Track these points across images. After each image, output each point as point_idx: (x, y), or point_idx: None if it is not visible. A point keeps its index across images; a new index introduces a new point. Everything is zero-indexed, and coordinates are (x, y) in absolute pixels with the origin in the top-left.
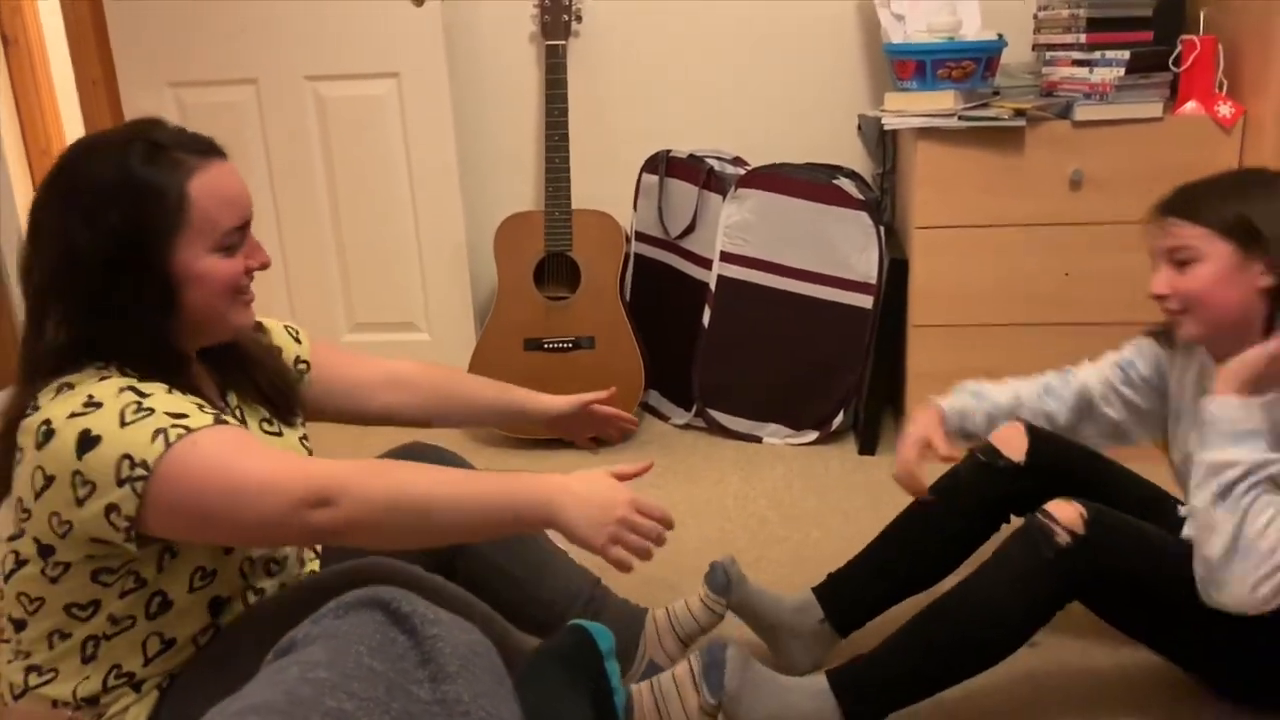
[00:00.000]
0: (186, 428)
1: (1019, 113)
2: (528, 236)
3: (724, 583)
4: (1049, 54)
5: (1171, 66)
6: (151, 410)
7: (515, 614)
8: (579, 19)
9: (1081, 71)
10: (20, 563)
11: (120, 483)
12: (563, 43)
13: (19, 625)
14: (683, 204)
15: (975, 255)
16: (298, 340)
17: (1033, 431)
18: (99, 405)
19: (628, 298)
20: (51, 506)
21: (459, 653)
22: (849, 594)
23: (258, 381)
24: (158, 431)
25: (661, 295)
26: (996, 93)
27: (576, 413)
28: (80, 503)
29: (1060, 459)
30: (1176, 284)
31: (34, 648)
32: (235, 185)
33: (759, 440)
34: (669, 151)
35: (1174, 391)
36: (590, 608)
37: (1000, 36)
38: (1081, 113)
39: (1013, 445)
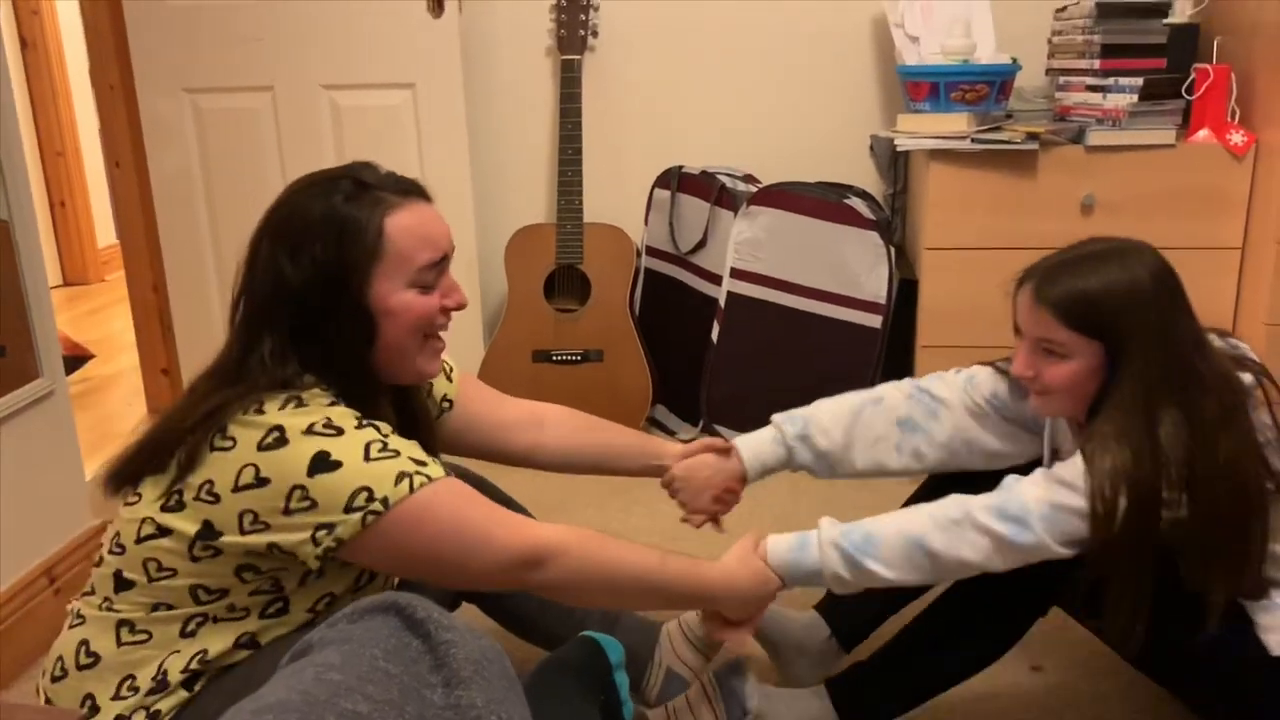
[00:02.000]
0: (429, 476)
1: (1032, 136)
2: (539, 249)
3: None
4: (1063, 79)
5: (1184, 94)
6: (397, 452)
7: (533, 622)
8: (595, 34)
9: (1095, 97)
10: (163, 532)
11: (350, 510)
12: (578, 57)
13: (125, 585)
14: (694, 220)
15: (985, 277)
16: (449, 378)
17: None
18: (339, 431)
19: (637, 312)
20: (251, 504)
21: (472, 658)
22: (852, 608)
23: (418, 435)
24: (403, 474)
25: (671, 310)
26: (1009, 116)
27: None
28: (289, 513)
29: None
30: (1044, 373)
31: (130, 609)
32: (433, 224)
33: None
34: (681, 167)
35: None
36: (608, 618)
37: (1014, 60)
38: (1094, 138)
39: None
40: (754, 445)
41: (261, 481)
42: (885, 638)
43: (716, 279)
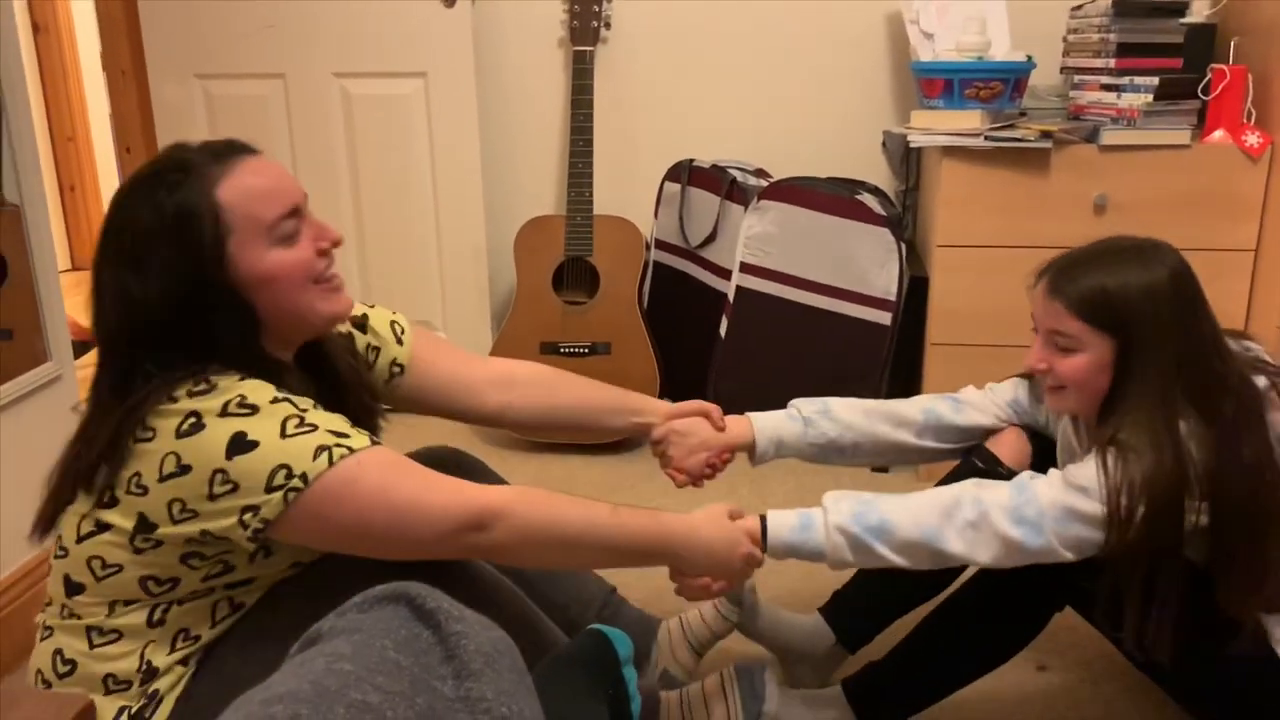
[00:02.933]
0: (349, 448)
1: (1045, 135)
2: (548, 240)
3: (738, 591)
4: (1077, 77)
5: (1200, 94)
6: (315, 426)
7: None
8: (608, 25)
9: (1110, 96)
10: (102, 527)
11: (270, 489)
12: (591, 49)
13: (75, 589)
14: (704, 213)
15: (996, 275)
16: (399, 340)
17: (1033, 436)
18: (254, 409)
19: (645, 305)
20: (177, 493)
21: (483, 650)
22: (857, 614)
23: (345, 400)
24: (321, 448)
25: (679, 304)
26: (1023, 114)
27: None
28: (213, 498)
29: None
30: (1056, 365)
31: (89, 612)
32: (268, 177)
33: None
34: (692, 161)
35: (1056, 427)
36: (604, 614)
37: (1029, 58)
38: (1108, 137)
39: (1012, 450)
40: (767, 418)
41: (183, 469)
42: (889, 636)
43: (726, 273)
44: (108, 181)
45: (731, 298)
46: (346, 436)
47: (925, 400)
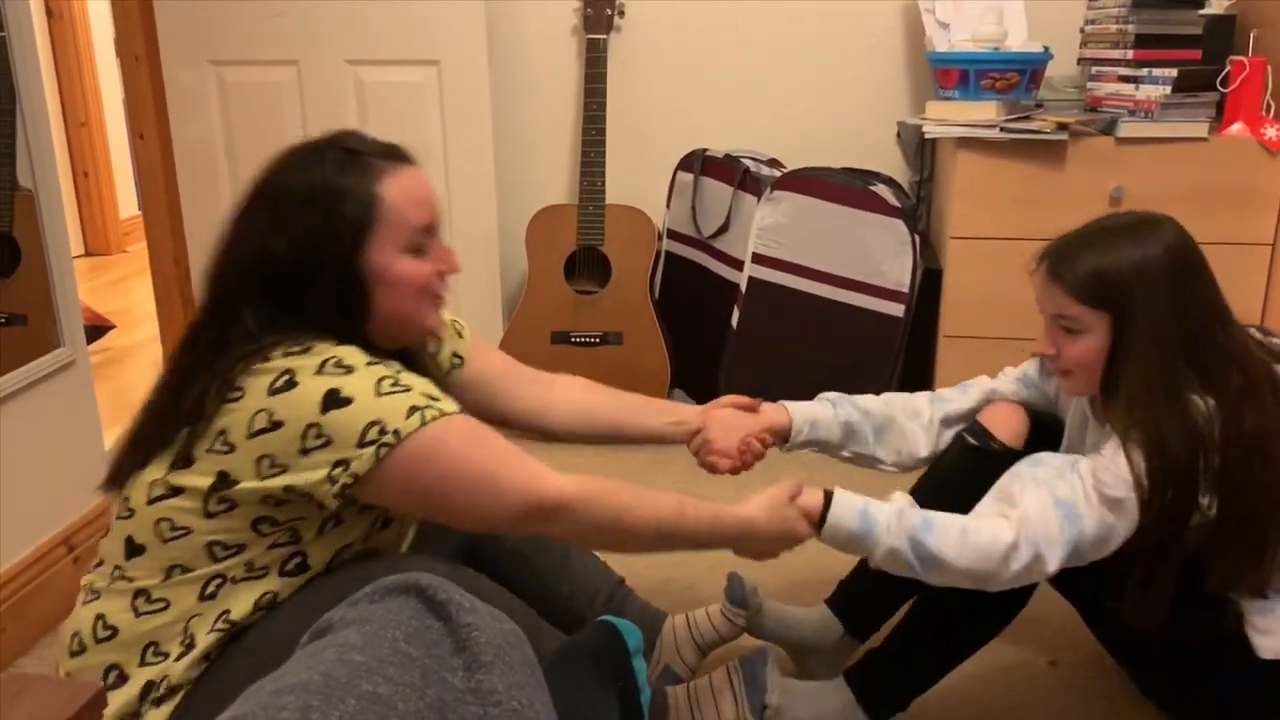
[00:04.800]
0: (441, 410)
1: (1062, 127)
2: (560, 229)
3: (741, 594)
4: (1095, 68)
5: (1219, 87)
6: (409, 388)
7: (531, 605)
8: (621, 14)
9: (1127, 88)
10: (174, 491)
11: (363, 444)
12: (604, 37)
13: (136, 550)
14: (717, 204)
15: (1010, 268)
16: (460, 335)
17: (1030, 411)
18: (350, 369)
19: (657, 295)
20: (267, 449)
21: (494, 642)
22: (862, 601)
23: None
24: (414, 408)
25: (691, 294)
26: (1039, 105)
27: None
28: (305, 452)
29: (1054, 440)
30: (1064, 349)
31: (143, 575)
32: (424, 187)
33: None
34: (705, 150)
35: (1064, 407)
36: (610, 607)
37: (1046, 49)
38: (1125, 129)
39: (1007, 427)
40: (800, 405)
41: (275, 425)
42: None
43: (738, 264)
44: (121, 167)
45: (743, 288)
46: (438, 400)
47: (933, 391)
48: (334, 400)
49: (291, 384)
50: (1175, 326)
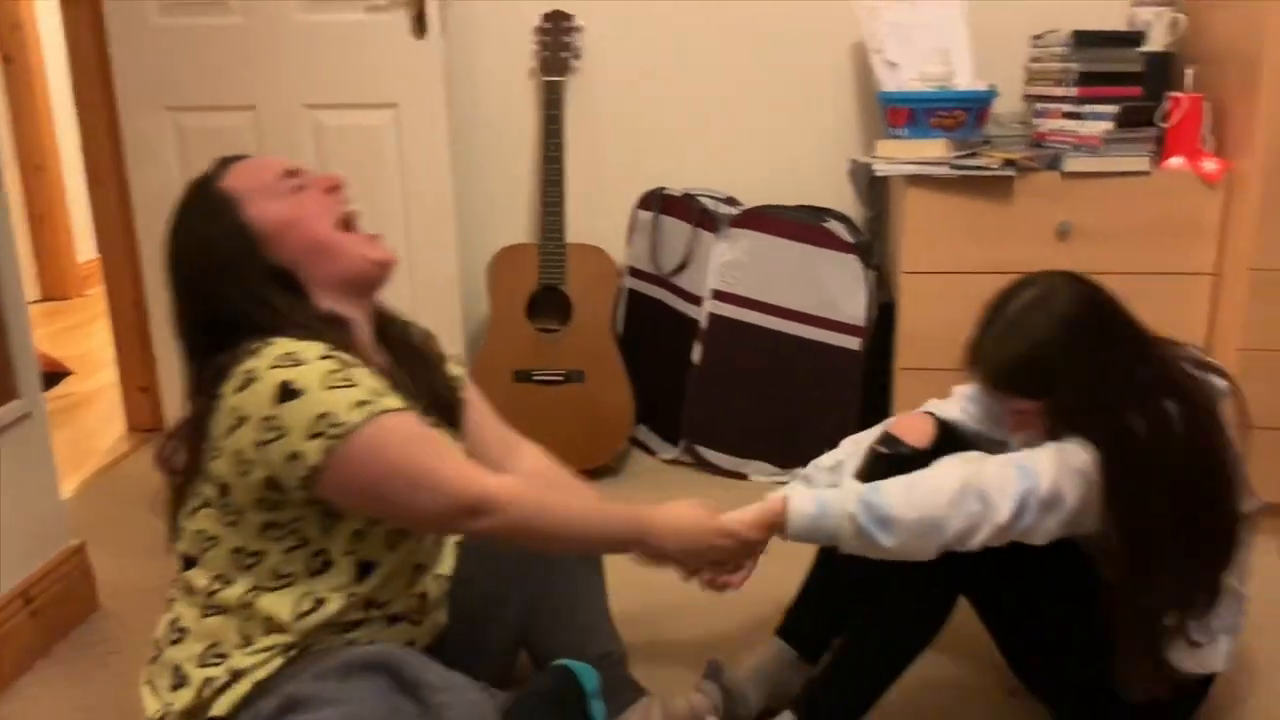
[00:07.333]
0: (385, 407)
1: (1009, 162)
2: (522, 269)
3: (716, 670)
4: (1040, 105)
5: (1159, 122)
6: (355, 383)
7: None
8: (578, 56)
9: (1071, 124)
10: (204, 503)
11: (312, 436)
12: (561, 79)
13: (188, 563)
14: (676, 241)
15: (962, 301)
16: (459, 366)
17: (938, 420)
18: (300, 361)
19: (619, 332)
20: (237, 445)
21: (463, 716)
22: (808, 624)
23: (427, 381)
24: (360, 402)
25: (653, 331)
26: (987, 142)
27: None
28: (263, 445)
29: (967, 444)
30: (1027, 424)
31: (200, 585)
32: (258, 160)
33: (745, 477)
34: (664, 189)
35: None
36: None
37: (992, 87)
38: (1070, 164)
39: (915, 432)
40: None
41: (240, 421)
42: None
43: (698, 300)
44: (78, 212)
45: (704, 324)
46: (383, 396)
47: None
48: (286, 393)
49: (250, 381)
50: (1099, 379)
